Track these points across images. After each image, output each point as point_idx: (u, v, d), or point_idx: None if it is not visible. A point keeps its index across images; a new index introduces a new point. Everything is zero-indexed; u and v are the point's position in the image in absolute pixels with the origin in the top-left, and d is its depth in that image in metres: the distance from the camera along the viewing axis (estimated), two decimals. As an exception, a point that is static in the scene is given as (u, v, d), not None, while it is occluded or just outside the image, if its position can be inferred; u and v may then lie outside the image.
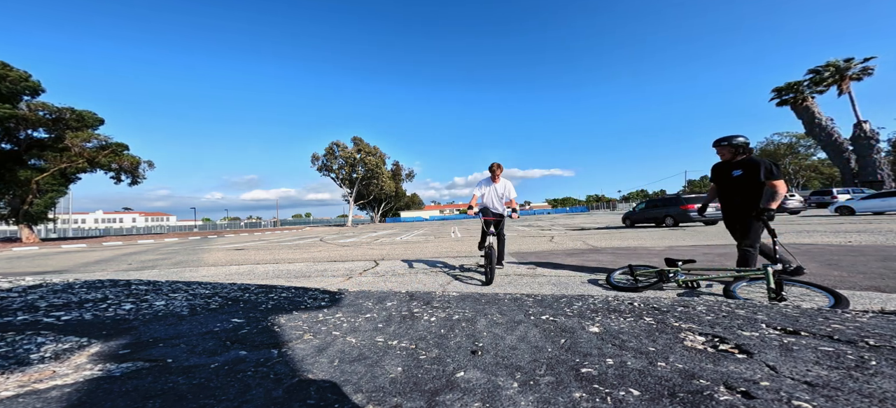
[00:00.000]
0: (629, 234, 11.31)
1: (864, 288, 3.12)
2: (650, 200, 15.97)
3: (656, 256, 5.75)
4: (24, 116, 23.05)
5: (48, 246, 19.25)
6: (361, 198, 58.63)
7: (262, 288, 1.94)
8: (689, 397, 0.65)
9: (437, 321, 1.18)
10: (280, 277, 5.38)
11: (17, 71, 22.25)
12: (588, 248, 7.53)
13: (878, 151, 30.46)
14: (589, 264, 5.20)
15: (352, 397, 0.67)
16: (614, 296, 2.21)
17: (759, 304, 1.69)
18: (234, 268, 6.82)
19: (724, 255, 5.48)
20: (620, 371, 0.76)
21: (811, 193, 25.88)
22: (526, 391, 0.67)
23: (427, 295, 1.58)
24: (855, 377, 0.71)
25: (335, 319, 1.26)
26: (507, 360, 0.84)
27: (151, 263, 8.27)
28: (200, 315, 1.34)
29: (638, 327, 1.08)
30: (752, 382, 0.70)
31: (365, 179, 55.82)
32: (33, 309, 1.47)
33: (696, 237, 8.94)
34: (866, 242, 6.16)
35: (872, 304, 2.59)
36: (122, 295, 1.72)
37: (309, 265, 6.61)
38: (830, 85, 32.42)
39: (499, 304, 1.40)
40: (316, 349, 0.94)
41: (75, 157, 26.39)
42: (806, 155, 50.49)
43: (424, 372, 0.78)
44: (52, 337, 1.09)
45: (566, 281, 4.04)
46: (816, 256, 4.96)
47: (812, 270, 4.03)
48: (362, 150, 55.37)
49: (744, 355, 0.85)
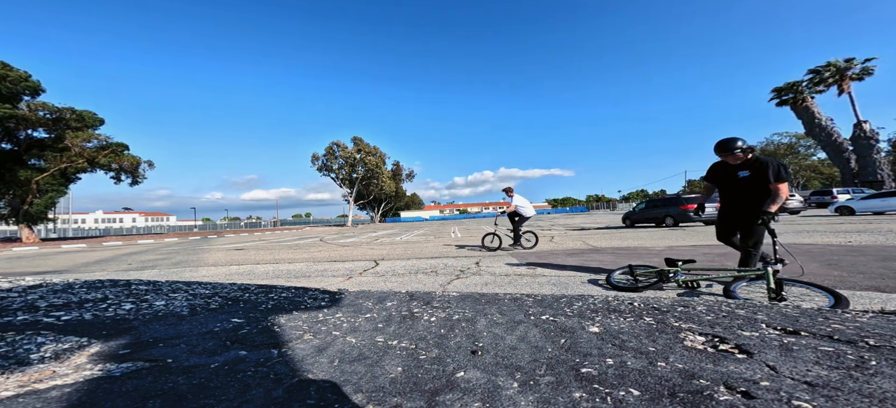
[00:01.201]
0: (629, 234, 11.31)
1: (864, 288, 3.12)
2: (650, 200, 15.97)
3: (656, 256, 5.75)
4: (25, 116, 23.05)
5: (48, 246, 19.26)
6: (361, 198, 58.63)
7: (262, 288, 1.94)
8: (689, 397, 0.65)
9: (437, 321, 1.18)
10: (280, 277, 5.38)
11: (17, 71, 22.25)
12: (588, 248, 7.53)
13: (878, 151, 30.46)
14: (589, 264, 5.20)
15: (352, 397, 0.67)
16: (614, 296, 2.21)
17: (759, 304, 1.69)
18: (234, 268, 6.82)
19: (724, 255, 5.47)
20: (620, 371, 0.76)
21: (811, 193, 25.87)
22: (526, 391, 0.67)
23: (427, 295, 1.58)
24: (855, 377, 0.71)
25: (335, 319, 1.26)
26: (508, 360, 0.84)
27: (151, 263, 8.27)
28: (200, 315, 1.34)
29: (638, 327, 1.08)
30: (752, 382, 0.70)
31: (365, 179, 55.81)
32: (33, 309, 1.47)
33: (696, 237, 8.94)
34: (866, 242, 6.16)
35: (872, 304, 2.59)
36: (122, 295, 1.72)
37: (309, 265, 6.61)
38: (831, 85, 32.41)
39: (499, 304, 1.40)
40: (316, 349, 0.94)
41: (75, 157, 26.39)
42: (806, 155, 50.49)
43: (424, 372, 0.78)
44: (52, 337, 1.09)
45: (566, 281, 4.04)
46: (816, 256, 4.96)
47: (812, 270, 4.03)
48: (362, 150, 55.37)
49: (744, 355, 0.85)
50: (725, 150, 3.20)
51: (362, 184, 56.27)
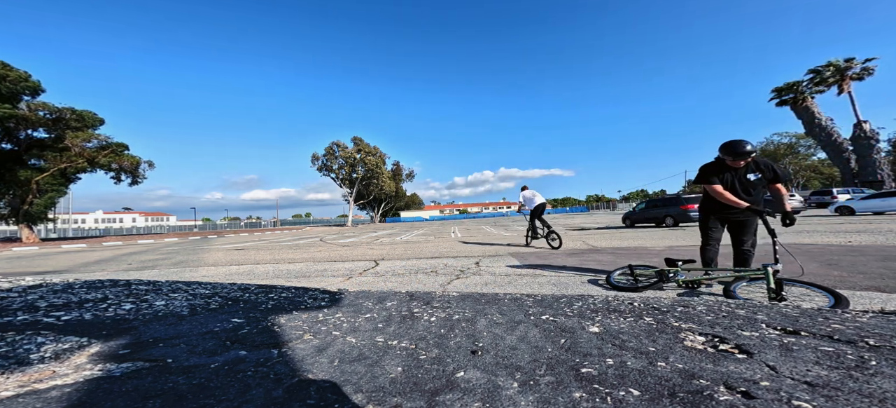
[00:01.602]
0: (629, 234, 11.31)
1: (864, 288, 3.12)
2: (650, 200, 15.98)
3: (656, 256, 5.75)
4: (24, 116, 23.05)
5: (48, 246, 19.25)
6: (361, 198, 58.62)
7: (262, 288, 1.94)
8: (689, 397, 0.65)
9: (437, 321, 1.18)
10: (280, 277, 5.38)
11: (17, 71, 22.24)
12: (588, 248, 7.53)
13: (878, 151, 30.46)
14: (589, 265, 5.20)
15: (352, 397, 0.67)
16: (614, 296, 2.21)
17: (759, 304, 1.69)
18: (234, 268, 6.82)
19: (724, 255, 5.47)
20: (620, 371, 0.76)
21: (811, 193, 25.87)
22: (526, 391, 0.68)
23: (427, 295, 1.58)
24: (855, 377, 0.72)
25: (335, 319, 1.26)
26: (507, 360, 0.84)
27: (151, 263, 8.27)
28: (200, 315, 1.34)
29: (638, 326, 1.08)
30: (752, 382, 0.70)
31: (365, 179, 55.81)
32: (33, 309, 1.47)
33: (695, 237, 8.94)
34: (866, 242, 6.16)
35: (872, 304, 2.59)
36: (122, 295, 1.72)
37: (309, 265, 6.61)
38: (831, 85, 32.41)
39: (499, 304, 1.40)
40: (316, 349, 0.94)
41: (75, 157, 26.40)
42: (806, 155, 50.48)
43: (424, 372, 0.78)
44: (52, 337, 1.09)
45: (566, 281, 4.04)
46: (816, 256, 4.96)
47: (812, 270, 4.03)
48: (362, 150, 55.36)
49: (744, 355, 0.85)
50: (740, 153, 3.08)
51: (362, 184, 56.27)
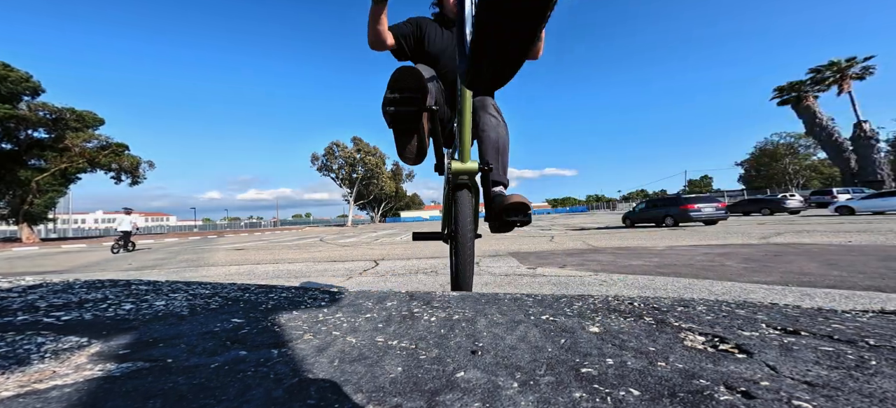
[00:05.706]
0: (629, 234, 11.31)
1: (864, 288, 3.12)
2: (650, 200, 16.00)
3: (656, 256, 5.75)
4: (25, 117, 23.06)
5: (48, 246, 19.26)
6: (361, 198, 58.62)
7: (263, 288, 1.94)
8: (689, 396, 0.65)
9: (437, 321, 1.18)
10: (280, 277, 5.38)
11: (17, 71, 22.26)
12: (588, 248, 7.53)
13: (878, 151, 30.47)
14: (589, 265, 5.20)
15: (352, 397, 0.67)
16: (614, 295, 2.21)
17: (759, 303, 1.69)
18: (235, 268, 6.82)
19: (724, 254, 5.47)
20: (620, 371, 0.76)
21: (811, 193, 25.88)
22: (526, 391, 0.67)
23: (427, 295, 1.58)
24: (855, 377, 0.71)
25: (335, 319, 1.26)
26: (507, 360, 0.84)
27: (151, 264, 8.27)
28: (200, 315, 1.34)
29: (638, 327, 1.08)
30: (752, 382, 0.70)
31: (365, 179, 55.82)
32: (33, 309, 1.47)
33: (695, 237, 8.94)
34: (866, 241, 6.16)
35: (872, 304, 2.59)
36: (122, 295, 1.72)
37: (309, 265, 6.61)
38: (831, 84, 32.42)
39: (499, 304, 1.40)
40: (316, 349, 0.94)
41: (75, 157, 26.41)
42: (806, 155, 50.48)
43: (424, 372, 0.78)
44: (52, 337, 1.09)
45: (566, 281, 4.04)
46: (816, 256, 4.96)
47: (812, 270, 4.03)
48: (362, 150, 55.36)
49: (744, 354, 0.85)
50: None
51: (362, 184, 56.28)
